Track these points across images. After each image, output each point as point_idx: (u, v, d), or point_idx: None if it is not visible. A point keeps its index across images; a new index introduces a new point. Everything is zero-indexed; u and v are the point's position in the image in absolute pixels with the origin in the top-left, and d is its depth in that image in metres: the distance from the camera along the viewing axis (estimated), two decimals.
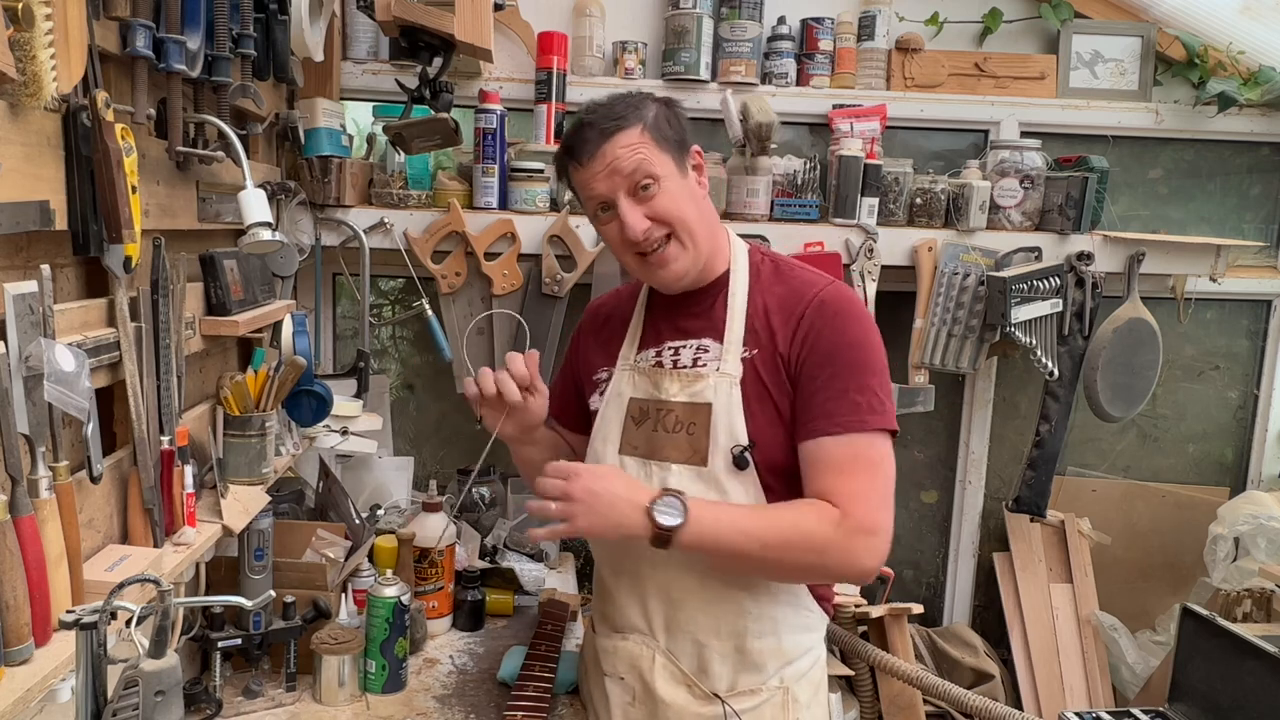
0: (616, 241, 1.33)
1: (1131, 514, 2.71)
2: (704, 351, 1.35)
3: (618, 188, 1.28)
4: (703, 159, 1.39)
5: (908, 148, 2.49)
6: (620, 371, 1.43)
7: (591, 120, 1.30)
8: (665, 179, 1.29)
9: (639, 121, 1.29)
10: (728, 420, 1.30)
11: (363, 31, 2.29)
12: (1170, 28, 2.46)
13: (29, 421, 0.98)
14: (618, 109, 1.30)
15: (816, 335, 1.29)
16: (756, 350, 1.32)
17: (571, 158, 1.32)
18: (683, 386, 1.34)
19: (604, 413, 1.42)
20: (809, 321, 1.30)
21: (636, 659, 1.37)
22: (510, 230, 2.20)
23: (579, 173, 1.32)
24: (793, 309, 1.32)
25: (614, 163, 1.27)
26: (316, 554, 1.76)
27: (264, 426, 1.52)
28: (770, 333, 1.32)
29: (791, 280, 1.37)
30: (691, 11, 2.29)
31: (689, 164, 1.35)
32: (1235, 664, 1.96)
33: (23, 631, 0.95)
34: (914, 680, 2.06)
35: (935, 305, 2.31)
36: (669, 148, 1.31)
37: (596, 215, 1.34)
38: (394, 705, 1.55)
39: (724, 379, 1.32)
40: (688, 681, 1.34)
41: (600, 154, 1.28)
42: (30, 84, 0.94)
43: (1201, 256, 2.40)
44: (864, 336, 1.31)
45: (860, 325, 1.31)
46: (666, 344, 1.39)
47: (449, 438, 2.58)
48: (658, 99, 1.35)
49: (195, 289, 1.47)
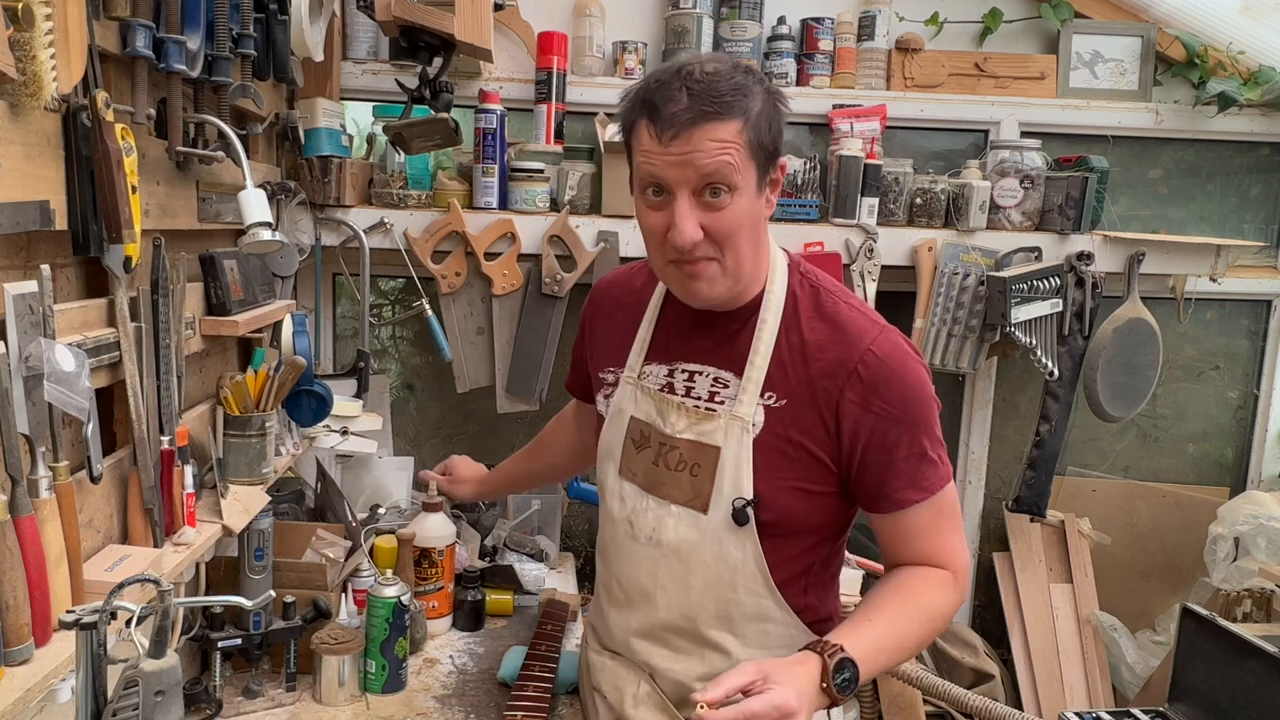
0: (656, 233, 1.15)
1: (1131, 514, 2.71)
2: (722, 386, 1.22)
3: (686, 181, 1.09)
4: (784, 174, 1.22)
5: (908, 148, 2.49)
6: (625, 384, 1.33)
7: (694, 90, 1.07)
8: (740, 194, 1.11)
9: (743, 115, 1.09)
10: (734, 469, 1.19)
11: (363, 31, 2.28)
12: (1170, 28, 2.46)
13: (29, 421, 0.98)
14: (724, 89, 1.08)
15: (882, 402, 1.16)
16: (786, 401, 1.19)
17: (650, 116, 1.10)
18: (690, 423, 1.23)
19: (608, 426, 1.35)
20: (867, 383, 1.15)
21: (622, 682, 1.33)
22: (510, 230, 2.20)
23: (649, 140, 1.10)
24: (842, 359, 1.17)
25: (695, 154, 1.07)
26: (316, 554, 1.76)
27: (264, 426, 1.52)
28: (808, 383, 1.18)
29: (835, 318, 1.21)
30: (691, 11, 2.29)
31: (770, 179, 1.16)
32: (1235, 664, 1.96)
33: (23, 631, 0.95)
34: (914, 680, 2.06)
35: (935, 305, 2.31)
36: (759, 156, 1.12)
37: (644, 192, 1.15)
38: (394, 705, 1.55)
39: (736, 423, 1.19)
40: (670, 713, 1.29)
41: (686, 137, 1.07)
42: (30, 84, 0.93)
43: (1201, 256, 2.40)
44: (923, 387, 1.20)
45: (917, 375, 1.19)
46: (679, 365, 1.27)
47: (449, 438, 2.58)
48: (769, 88, 1.14)
49: (195, 289, 1.47)
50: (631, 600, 1.32)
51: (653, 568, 1.27)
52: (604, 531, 1.37)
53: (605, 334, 1.40)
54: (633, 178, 1.18)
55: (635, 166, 1.16)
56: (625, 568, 1.32)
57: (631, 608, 1.32)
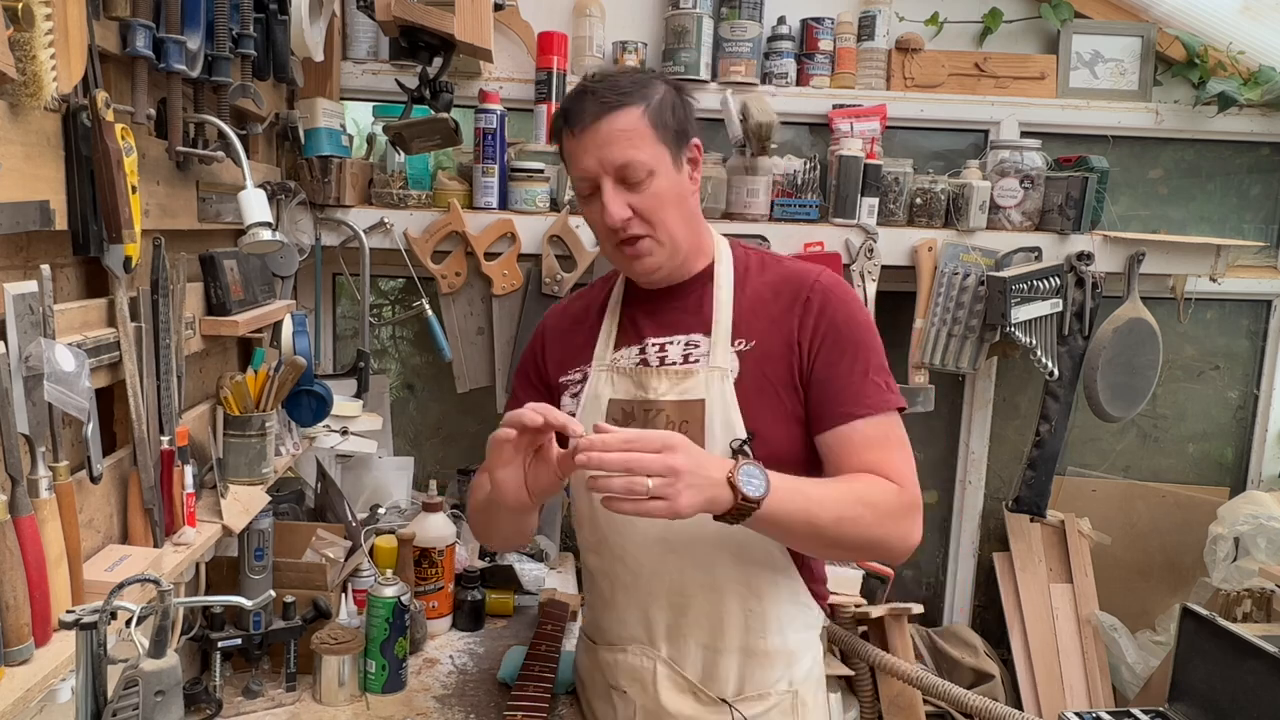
0: (598, 225, 1.29)
1: (1131, 514, 2.71)
2: (694, 347, 1.31)
3: (605, 170, 1.23)
4: (701, 153, 1.34)
5: (908, 148, 2.49)
6: (597, 372, 1.36)
7: (594, 89, 1.24)
8: (656, 175, 1.24)
9: (642, 103, 1.23)
10: (724, 415, 1.26)
11: (363, 31, 2.28)
12: (1170, 28, 2.46)
13: (29, 421, 0.98)
14: (623, 84, 1.24)
15: (829, 321, 1.27)
16: (754, 342, 1.29)
17: (566, 123, 1.26)
18: (672, 384, 1.30)
19: (581, 417, 1.34)
20: (818, 307, 1.28)
21: (638, 671, 1.34)
22: (510, 230, 2.20)
23: (570, 141, 1.26)
24: (794, 295, 1.29)
25: (606, 143, 1.22)
26: (316, 554, 1.76)
27: (264, 426, 1.52)
28: (770, 321, 1.29)
29: (781, 269, 1.35)
30: (691, 11, 2.29)
31: (685, 157, 1.29)
32: (1235, 664, 1.96)
33: (23, 631, 0.95)
34: (914, 680, 2.06)
35: (935, 305, 2.31)
36: (667, 137, 1.25)
37: (582, 196, 1.29)
38: (394, 705, 1.55)
39: (715, 372, 1.28)
40: (693, 689, 1.31)
41: (594, 128, 1.22)
42: (30, 84, 0.94)
43: (1201, 256, 2.40)
44: (868, 318, 1.32)
45: (861, 308, 1.32)
46: (650, 340, 1.34)
47: (449, 438, 2.58)
48: (668, 82, 1.29)
49: (195, 289, 1.47)
50: (640, 576, 1.32)
51: (660, 533, 1.28)
52: (597, 521, 1.34)
53: (564, 346, 1.43)
54: (574, 189, 1.32)
55: (570, 174, 1.30)
56: (630, 544, 1.32)
57: (642, 583, 1.33)
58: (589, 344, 1.39)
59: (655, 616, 1.33)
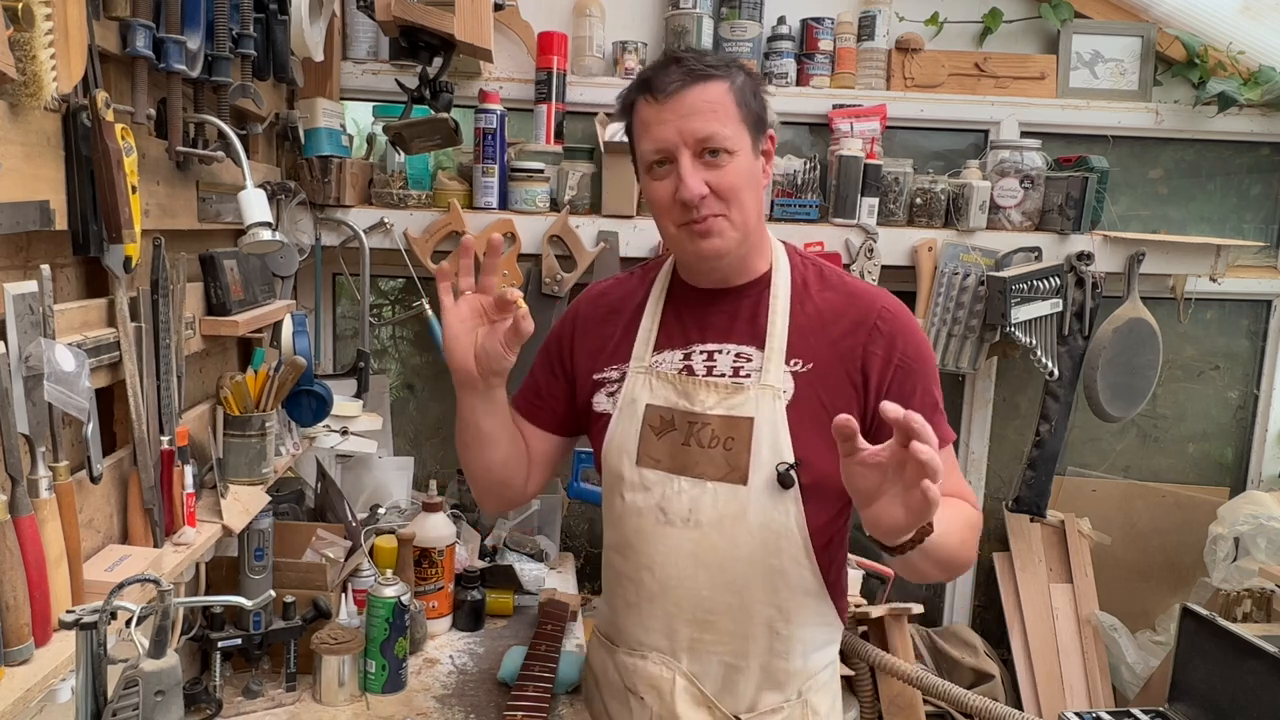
0: (664, 202, 1.21)
1: (1131, 514, 2.71)
2: (745, 360, 1.25)
3: (685, 141, 1.17)
4: (774, 146, 1.29)
5: (908, 148, 2.49)
6: (635, 374, 1.30)
7: (683, 59, 1.19)
8: (736, 155, 1.18)
9: (729, 80, 1.19)
10: (772, 437, 1.21)
11: (363, 31, 2.29)
12: (1170, 28, 2.46)
13: (29, 421, 0.98)
14: (710, 60, 1.19)
15: (901, 353, 1.23)
16: (811, 365, 1.23)
17: (647, 90, 1.19)
18: (720, 398, 1.24)
19: (618, 421, 1.30)
20: (887, 336, 1.23)
21: (657, 680, 1.31)
22: (510, 230, 2.20)
23: (649, 108, 1.19)
24: (860, 320, 1.24)
25: (692, 113, 1.16)
26: (316, 554, 1.76)
27: (264, 426, 1.52)
28: (830, 344, 1.24)
29: (843, 287, 1.29)
30: (691, 11, 2.29)
31: (761, 147, 1.25)
32: (1235, 664, 1.96)
33: (23, 631, 0.95)
34: (914, 680, 2.06)
35: (935, 305, 2.31)
36: (749, 120, 1.20)
37: (650, 168, 1.22)
38: (394, 705, 1.55)
39: (766, 391, 1.22)
40: (709, 704, 1.29)
41: (680, 96, 1.16)
42: (30, 84, 0.93)
43: (1201, 256, 2.40)
44: (929, 346, 1.30)
45: (923, 335, 1.28)
46: (696, 346, 1.28)
47: (449, 438, 2.56)
48: (748, 69, 1.24)
49: (195, 289, 1.47)
50: (668, 588, 1.28)
51: (693, 548, 1.25)
52: (625, 526, 1.31)
53: (598, 338, 1.37)
54: (638, 166, 1.25)
55: (638, 147, 1.23)
56: (660, 555, 1.28)
57: (669, 595, 1.28)
58: (626, 340, 1.34)
59: (679, 630, 1.29)
